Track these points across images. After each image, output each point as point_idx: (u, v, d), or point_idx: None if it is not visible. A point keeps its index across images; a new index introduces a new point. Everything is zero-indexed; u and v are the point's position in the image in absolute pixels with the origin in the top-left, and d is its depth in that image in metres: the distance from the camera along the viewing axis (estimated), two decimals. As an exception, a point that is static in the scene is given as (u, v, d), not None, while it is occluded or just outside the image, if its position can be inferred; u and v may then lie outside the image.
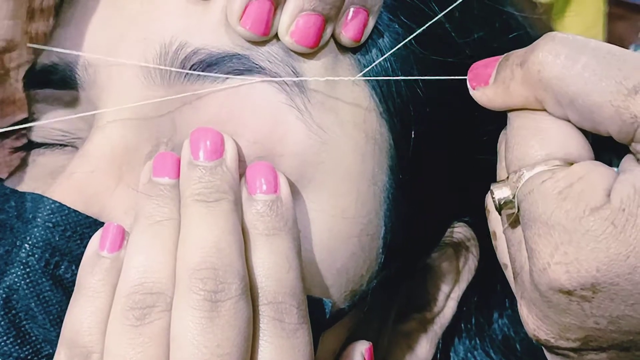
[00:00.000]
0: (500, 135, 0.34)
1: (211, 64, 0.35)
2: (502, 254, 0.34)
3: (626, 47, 0.41)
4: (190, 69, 0.35)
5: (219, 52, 0.35)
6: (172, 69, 0.35)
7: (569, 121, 0.30)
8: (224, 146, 0.33)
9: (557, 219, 0.28)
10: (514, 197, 0.31)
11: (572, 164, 0.30)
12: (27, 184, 0.38)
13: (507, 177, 0.31)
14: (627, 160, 0.30)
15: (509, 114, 0.32)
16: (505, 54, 0.32)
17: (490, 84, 0.32)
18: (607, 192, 0.28)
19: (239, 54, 0.35)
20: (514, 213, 0.31)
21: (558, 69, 0.29)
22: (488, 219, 0.35)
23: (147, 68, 0.35)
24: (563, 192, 0.29)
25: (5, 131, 0.49)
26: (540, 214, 0.29)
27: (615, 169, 0.30)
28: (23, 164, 0.41)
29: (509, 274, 0.34)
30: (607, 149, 0.30)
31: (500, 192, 0.31)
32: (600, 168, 0.29)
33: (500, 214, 0.32)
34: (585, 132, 0.30)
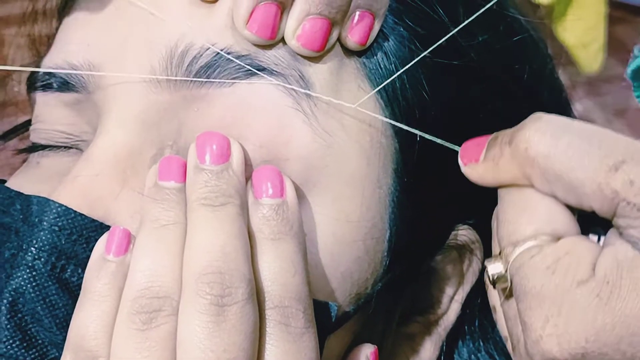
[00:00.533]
0: (494, 213, 0.35)
1: (218, 66, 0.35)
2: (502, 328, 0.36)
3: (628, 49, 0.41)
4: (197, 71, 0.35)
5: (224, 53, 0.35)
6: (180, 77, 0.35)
7: (556, 197, 0.31)
8: (230, 150, 0.33)
9: (547, 292, 0.30)
10: (506, 272, 0.32)
11: (559, 238, 0.31)
12: (32, 186, 0.38)
13: (500, 253, 0.32)
14: (611, 235, 0.31)
15: (499, 191, 0.33)
16: (494, 134, 0.33)
17: (480, 161, 0.33)
18: (592, 266, 0.30)
19: (246, 56, 0.35)
20: (507, 287, 0.32)
21: (544, 147, 0.30)
22: (488, 293, 0.36)
23: (153, 71, 0.35)
24: (551, 267, 0.30)
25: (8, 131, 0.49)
26: (531, 288, 0.30)
27: (601, 243, 0.31)
28: (27, 166, 0.41)
29: (509, 346, 0.35)
30: (594, 223, 0.32)
31: (493, 267, 0.32)
32: (586, 242, 0.31)
33: (495, 288, 0.33)
34: (571, 208, 0.32)
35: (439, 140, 0.36)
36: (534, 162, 0.31)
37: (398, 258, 0.39)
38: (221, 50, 0.35)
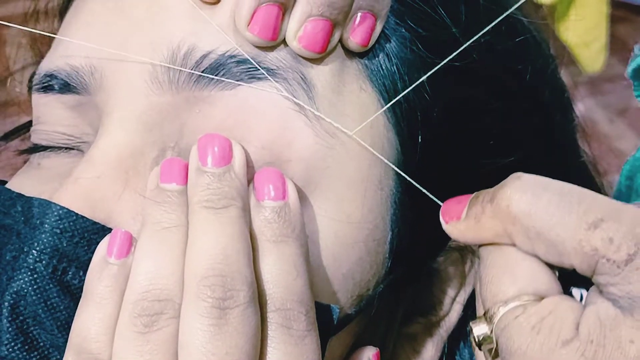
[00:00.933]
0: (476, 274, 0.36)
1: (223, 68, 0.35)
2: None
3: (629, 49, 0.41)
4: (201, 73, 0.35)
5: (228, 56, 0.35)
6: (187, 70, 0.35)
7: (537, 256, 0.32)
8: (232, 152, 0.33)
9: (532, 353, 0.30)
10: (492, 333, 0.32)
11: (542, 298, 0.31)
12: (33, 187, 0.38)
13: (484, 314, 0.33)
14: (591, 293, 0.31)
15: (480, 250, 0.34)
16: (475, 193, 0.34)
17: (462, 219, 0.34)
18: (576, 325, 0.30)
19: (248, 59, 0.35)
20: (493, 348, 0.32)
21: (525, 205, 0.31)
22: (475, 354, 0.36)
23: (155, 73, 0.35)
24: (535, 327, 0.30)
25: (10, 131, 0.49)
26: (517, 349, 0.30)
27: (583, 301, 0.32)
28: (28, 167, 0.41)
29: None
30: (575, 282, 0.32)
31: (478, 328, 0.32)
32: (568, 302, 0.31)
33: (480, 349, 0.33)
34: (552, 267, 0.32)
35: (426, 192, 0.36)
36: (516, 220, 0.31)
37: (400, 259, 0.39)
38: (224, 52, 0.35)
